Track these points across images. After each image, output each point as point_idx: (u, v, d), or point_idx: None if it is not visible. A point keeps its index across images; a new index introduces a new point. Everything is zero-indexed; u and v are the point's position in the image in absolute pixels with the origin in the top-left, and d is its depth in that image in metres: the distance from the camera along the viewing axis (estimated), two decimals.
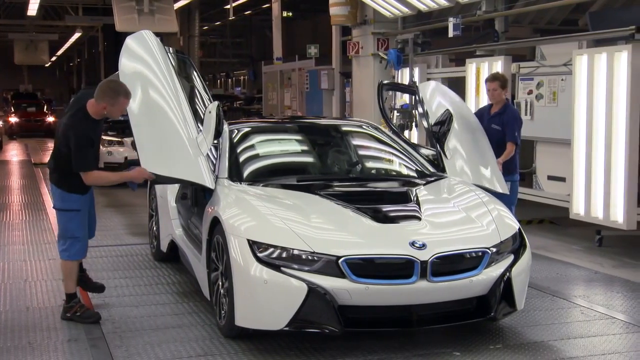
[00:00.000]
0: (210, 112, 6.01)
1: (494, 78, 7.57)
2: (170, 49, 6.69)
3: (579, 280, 7.25)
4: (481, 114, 7.74)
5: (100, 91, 5.56)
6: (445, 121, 6.80)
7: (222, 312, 5.29)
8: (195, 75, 6.97)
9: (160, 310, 6.01)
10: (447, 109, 6.93)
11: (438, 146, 6.75)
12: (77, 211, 5.69)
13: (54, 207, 5.83)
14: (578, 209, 8.62)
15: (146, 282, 6.89)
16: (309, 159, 6.90)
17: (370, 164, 6.99)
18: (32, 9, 27.61)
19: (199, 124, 6.12)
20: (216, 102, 6.14)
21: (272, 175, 6.32)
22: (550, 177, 9.43)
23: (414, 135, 11.91)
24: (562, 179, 9.11)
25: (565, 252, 8.36)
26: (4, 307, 6.16)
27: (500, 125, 7.40)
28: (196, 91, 6.86)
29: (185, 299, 6.31)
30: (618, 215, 8.09)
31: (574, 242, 8.92)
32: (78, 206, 5.69)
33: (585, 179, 8.46)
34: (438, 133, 6.79)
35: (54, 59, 52.70)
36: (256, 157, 6.70)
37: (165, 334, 5.42)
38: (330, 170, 6.62)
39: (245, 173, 6.18)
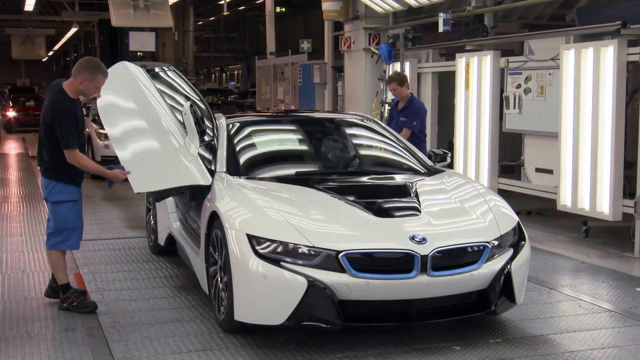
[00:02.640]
0: (185, 114, 6.09)
1: (390, 80, 8.62)
2: (164, 68, 6.86)
3: (565, 270, 7.36)
4: (391, 110, 8.83)
5: (80, 66, 5.68)
6: (440, 154, 6.80)
7: (221, 306, 5.25)
8: (184, 85, 6.83)
9: (158, 304, 5.99)
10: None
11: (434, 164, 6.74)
12: (75, 201, 5.83)
13: (50, 201, 5.82)
14: (565, 201, 8.74)
15: (144, 275, 6.90)
16: (307, 152, 6.84)
17: (368, 158, 6.99)
18: (29, 4, 27.77)
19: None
20: (188, 103, 6.19)
21: (271, 169, 6.28)
22: (538, 170, 9.51)
23: None
24: (550, 171, 9.19)
25: (552, 243, 8.48)
26: (2, 297, 6.24)
27: (406, 116, 8.32)
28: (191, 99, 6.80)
29: (184, 293, 6.31)
30: (604, 207, 8.21)
31: (561, 232, 9.04)
32: (75, 197, 5.82)
33: (572, 171, 8.56)
34: (434, 156, 6.80)
35: (50, 53, 52.73)
36: (254, 151, 6.65)
37: (164, 328, 5.39)
38: (328, 163, 6.59)
39: (244, 167, 6.13)
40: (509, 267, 5.14)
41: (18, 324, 5.55)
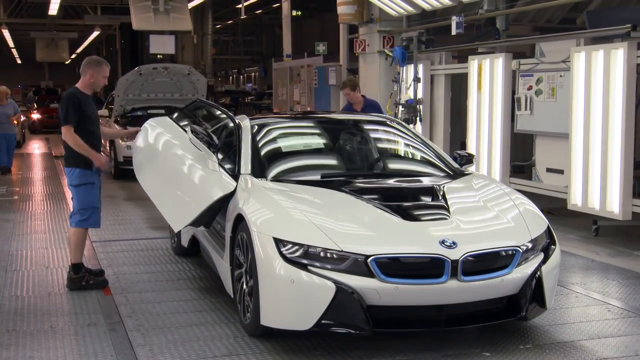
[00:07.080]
0: (191, 139, 6.20)
1: (343, 85, 9.10)
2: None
3: (576, 268, 7.38)
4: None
5: (86, 63, 6.50)
6: (466, 156, 6.66)
7: (247, 310, 5.13)
8: (211, 112, 7.31)
9: (182, 306, 5.93)
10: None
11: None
12: (93, 184, 6.43)
13: (73, 185, 6.41)
14: (575, 200, 8.79)
15: (167, 277, 6.86)
16: (332, 154, 6.61)
17: (394, 160, 6.86)
18: (53, 9, 28.37)
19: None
20: (188, 130, 6.33)
21: (296, 171, 6.12)
22: (549, 170, 9.56)
23: (417, 129, 12.16)
24: (561, 171, 9.24)
25: (562, 241, 8.30)
26: (27, 293, 6.38)
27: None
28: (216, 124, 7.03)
29: (208, 295, 6.24)
30: (614, 206, 8.27)
31: (571, 231, 9.04)
32: (93, 180, 6.43)
33: (583, 171, 8.62)
34: (460, 158, 6.66)
35: (73, 56, 53.32)
36: (279, 152, 6.49)
37: (189, 331, 5.32)
38: (354, 165, 6.44)
39: (269, 169, 5.96)
40: (540, 271, 5.01)
41: (42, 318, 5.68)
